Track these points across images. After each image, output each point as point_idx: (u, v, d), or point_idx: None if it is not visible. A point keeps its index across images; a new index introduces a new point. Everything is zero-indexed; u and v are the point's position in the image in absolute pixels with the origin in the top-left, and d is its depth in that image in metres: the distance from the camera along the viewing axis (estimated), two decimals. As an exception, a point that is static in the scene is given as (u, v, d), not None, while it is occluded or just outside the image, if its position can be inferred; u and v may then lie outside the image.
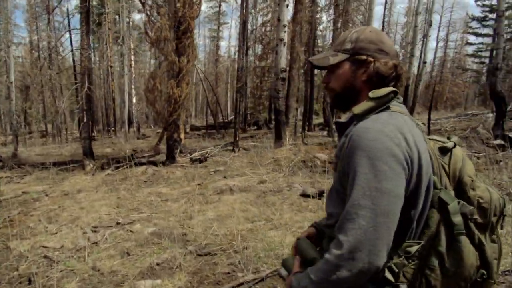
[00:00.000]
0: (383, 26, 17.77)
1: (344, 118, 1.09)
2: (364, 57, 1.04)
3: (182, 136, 10.24)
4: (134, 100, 21.86)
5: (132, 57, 22.50)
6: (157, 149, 11.71)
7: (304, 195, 5.10)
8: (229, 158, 8.98)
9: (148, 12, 7.70)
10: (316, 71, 13.60)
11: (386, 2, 19.91)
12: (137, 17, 34.67)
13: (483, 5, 26.15)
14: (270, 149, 10.49)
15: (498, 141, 7.81)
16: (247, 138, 15.08)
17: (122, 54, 25.57)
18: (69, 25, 17.93)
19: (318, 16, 16.67)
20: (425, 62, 15.09)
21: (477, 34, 26.96)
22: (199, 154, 10.31)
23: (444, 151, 1.01)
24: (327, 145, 10.11)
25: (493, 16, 25.97)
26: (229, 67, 38.44)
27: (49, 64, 17.53)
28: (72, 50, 17.92)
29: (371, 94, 0.98)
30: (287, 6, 10.32)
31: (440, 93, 30.53)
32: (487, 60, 26.58)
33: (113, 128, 20.94)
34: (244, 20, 9.80)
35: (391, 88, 0.99)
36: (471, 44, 27.62)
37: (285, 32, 10.36)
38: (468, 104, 33.23)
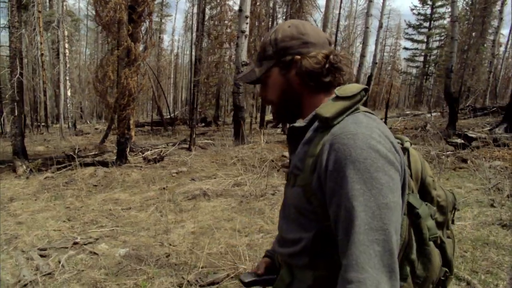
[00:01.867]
0: (337, 30, 18.00)
1: (299, 121, 0.93)
2: (289, 57, 0.91)
3: (132, 133, 9.18)
4: (69, 93, 19.65)
5: (66, 45, 20.22)
6: (103, 147, 10.43)
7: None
8: (189, 157, 8.18)
9: (99, -12, 6.60)
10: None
11: (340, 6, 20.25)
12: (71, 1, 31.58)
13: (418, 14, 28.07)
14: (229, 147, 9.88)
15: (459, 140, 8.06)
16: (198, 136, 14.28)
17: (54, 42, 22.91)
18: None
19: (279, 9, 16.30)
20: (375, 63, 15.53)
21: (413, 40, 28.98)
22: (152, 153, 9.33)
23: (403, 151, 0.92)
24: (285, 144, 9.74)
25: (427, 24, 28.01)
26: (172, 61, 36.84)
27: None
28: (-8, 33, 15.41)
29: (338, 92, 0.84)
30: (250, -4, 9.75)
31: (378, 94, 32.32)
32: (421, 65, 28.66)
33: (43, 124, 18.60)
34: (203, 7, 9.02)
35: (361, 85, 0.85)
36: (407, 49, 29.62)
37: (247, 23, 9.79)
38: (401, 105, 35.66)
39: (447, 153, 7.48)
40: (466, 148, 7.79)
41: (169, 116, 20.84)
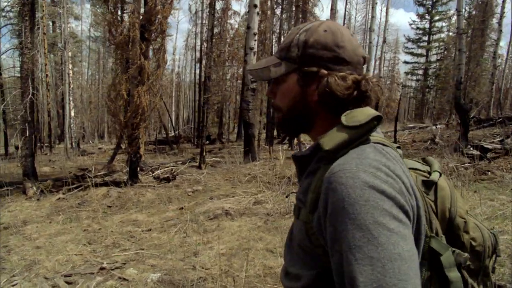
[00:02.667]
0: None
1: (303, 149, 0.77)
2: (314, 69, 0.77)
3: (142, 152, 9.05)
4: (72, 113, 19.66)
5: (70, 66, 20.34)
6: (111, 167, 10.28)
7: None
8: (201, 175, 8.03)
9: (112, 9, 6.60)
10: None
11: (344, 22, 20.47)
12: (74, 24, 32.03)
13: (417, 28, 28.46)
14: (240, 164, 9.76)
15: (475, 152, 7.95)
16: (205, 153, 14.15)
17: (56, 63, 23.08)
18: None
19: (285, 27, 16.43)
20: (380, 77, 15.57)
21: (412, 54, 29.26)
22: (163, 171, 9.18)
23: (428, 185, 0.79)
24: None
25: (426, 38, 28.35)
26: (174, 80, 37.06)
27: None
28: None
29: (345, 120, 0.70)
30: (258, 13, 9.82)
31: (379, 107, 32.46)
32: (422, 78, 28.89)
33: (46, 144, 18.50)
34: (212, 25, 9.05)
35: (373, 112, 0.71)
36: (407, 63, 29.90)
37: (255, 40, 9.83)
38: (401, 118, 35.78)
39: (465, 165, 7.35)
40: (483, 160, 7.69)
41: (173, 135, 20.77)
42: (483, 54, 25.68)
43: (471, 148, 8.36)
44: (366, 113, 0.71)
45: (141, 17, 6.62)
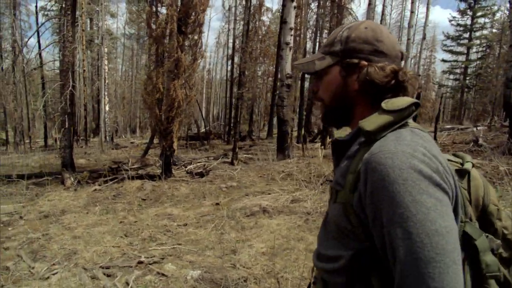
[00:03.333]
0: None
1: (341, 133, 0.85)
2: (355, 61, 0.83)
3: (175, 146, 9.05)
4: (107, 108, 20.17)
5: (106, 62, 20.90)
6: (145, 160, 10.38)
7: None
8: (235, 171, 7.90)
9: (151, 2, 6.57)
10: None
11: (382, 19, 19.80)
12: (110, 21, 33.00)
13: (458, 25, 27.07)
14: (273, 162, 9.56)
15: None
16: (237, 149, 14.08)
17: (93, 58, 23.79)
18: (37, 23, 16.20)
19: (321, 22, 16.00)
20: (419, 75, 14.88)
21: (452, 52, 27.85)
22: (195, 167, 9.15)
23: (462, 174, 0.81)
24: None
25: (467, 35, 26.94)
26: (204, 77, 37.39)
27: (13, 65, 15.63)
28: (40, 51, 16.12)
29: (385, 105, 0.75)
30: (295, 8, 9.55)
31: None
32: (461, 77, 27.47)
33: (82, 138, 19.11)
34: (248, 19, 8.88)
35: (411, 99, 0.75)
36: (446, 61, 28.49)
37: (291, 35, 9.57)
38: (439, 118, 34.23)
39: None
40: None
41: (203, 131, 20.86)
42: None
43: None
44: (405, 100, 0.75)
45: (178, 9, 6.55)
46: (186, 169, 9.03)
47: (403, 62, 0.88)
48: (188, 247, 3.65)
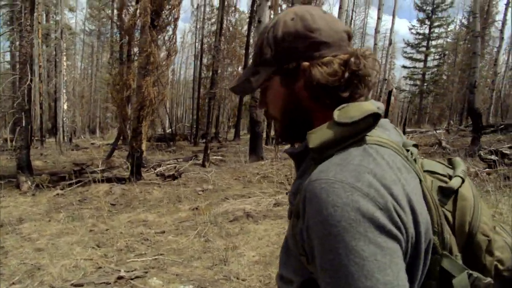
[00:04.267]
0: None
1: (296, 145, 0.74)
2: (294, 64, 0.67)
3: (144, 147, 8.56)
4: (65, 107, 18.97)
5: (64, 58, 19.66)
6: (110, 162, 9.74)
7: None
8: (209, 174, 7.57)
9: (122, -9, 6.12)
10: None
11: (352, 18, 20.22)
12: (68, 16, 31.10)
13: (417, 33, 28.42)
14: (246, 163, 9.35)
15: (494, 157, 7.69)
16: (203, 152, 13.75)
17: (49, 54, 22.28)
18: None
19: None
20: (385, 79, 15.33)
21: (412, 59, 29.19)
22: (165, 169, 8.72)
23: (446, 193, 0.65)
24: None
25: (425, 43, 28.34)
26: (168, 78, 36.34)
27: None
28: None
29: (336, 116, 0.60)
30: (269, 7, 9.40)
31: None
32: (420, 83, 28.86)
33: (37, 138, 17.79)
34: (221, 17, 8.62)
35: (370, 108, 0.60)
36: (406, 67, 29.82)
37: (265, 35, 9.40)
38: (394, 122, 35.78)
39: (486, 170, 7.06)
40: (500, 165, 7.43)
41: (169, 132, 20.20)
42: (481, 61, 25.76)
43: (489, 153, 8.11)
44: (362, 108, 0.61)
45: (152, 1, 6.15)
46: (155, 171, 8.57)
47: (352, 43, 0.72)
48: (171, 257, 3.32)
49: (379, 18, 15.42)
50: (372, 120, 0.60)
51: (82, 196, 6.04)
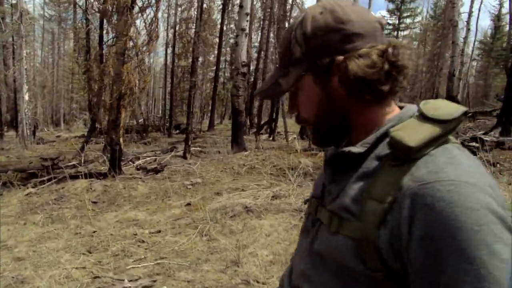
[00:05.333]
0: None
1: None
2: (327, 60, 0.63)
3: (121, 140, 8.03)
4: (26, 97, 17.69)
5: (23, 45, 18.24)
6: (83, 156, 9.08)
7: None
8: (195, 166, 7.21)
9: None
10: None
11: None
12: (24, -1, 28.91)
13: (387, 23, 28.91)
14: (228, 154, 9.05)
15: (475, 143, 7.88)
16: (181, 143, 13.31)
17: (4, 41, 20.59)
18: None
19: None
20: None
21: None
22: (145, 162, 8.25)
23: None
24: (288, 150, 9.13)
25: (395, 34, 28.93)
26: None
27: None
28: None
29: (430, 112, 0.57)
30: (251, -9, 9.03)
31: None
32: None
33: (-5, 131, 16.50)
34: (201, 2, 8.20)
35: (461, 107, 0.58)
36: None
37: (247, 21, 9.08)
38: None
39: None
40: (480, 152, 7.64)
41: (141, 123, 19.41)
42: (449, 51, 26.68)
43: (469, 141, 8.31)
44: (451, 105, 0.59)
45: (132, -20, 5.63)
46: (134, 164, 8.08)
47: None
48: (175, 261, 3.00)
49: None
50: (464, 116, 0.58)
51: (58, 194, 5.50)
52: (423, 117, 0.57)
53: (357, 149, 0.62)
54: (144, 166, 7.66)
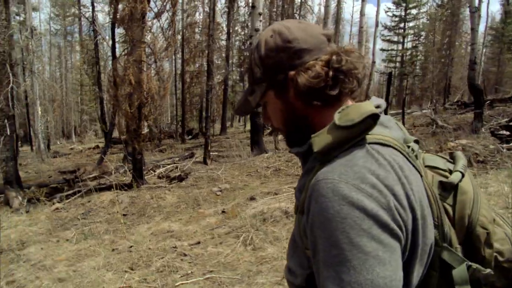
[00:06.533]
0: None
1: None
2: (281, 76, 0.72)
3: (141, 148, 7.91)
4: (39, 111, 17.79)
5: (34, 60, 18.34)
6: (102, 168, 9.00)
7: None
8: (219, 171, 7.05)
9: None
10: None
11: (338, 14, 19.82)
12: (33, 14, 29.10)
13: (393, 15, 28.51)
14: (249, 158, 8.88)
15: (505, 132, 7.58)
16: (196, 148, 13.19)
17: (15, 57, 20.75)
18: None
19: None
20: (374, 62, 15.15)
21: (390, 41, 29.30)
22: (166, 170, 8.11)
23: (447, 188, 0.69)
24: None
25: (402, 25, 28.54)
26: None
27: None
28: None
29: (337, 119, 0.63)
30: (262, -10, 8.87)
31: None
32: (399, 65, 29.09)
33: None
34: (213, 4, 8.04)
35: (369, 109, 0.62)
36: (384, 50, 29.92)
37: (260, 21, 8.89)
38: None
39: (505, 146, 6.91)
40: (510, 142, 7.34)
41: (154, 130, 19.35)
42: (457, 39, 26.15)
43: (499, 129, 8.00)
44: (360, 110, 0.63)
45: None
46: (155, 173, 7.96)
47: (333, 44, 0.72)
48: (225, 274, 2.82)
49: (363, 1, 15.15)
50: (371, 121, 0.61)
51: (85, 208, 5.40)
52: (334, 126, 0.62)
53: (299, 149, 0.73)
54: (167, 174, 7.54)
